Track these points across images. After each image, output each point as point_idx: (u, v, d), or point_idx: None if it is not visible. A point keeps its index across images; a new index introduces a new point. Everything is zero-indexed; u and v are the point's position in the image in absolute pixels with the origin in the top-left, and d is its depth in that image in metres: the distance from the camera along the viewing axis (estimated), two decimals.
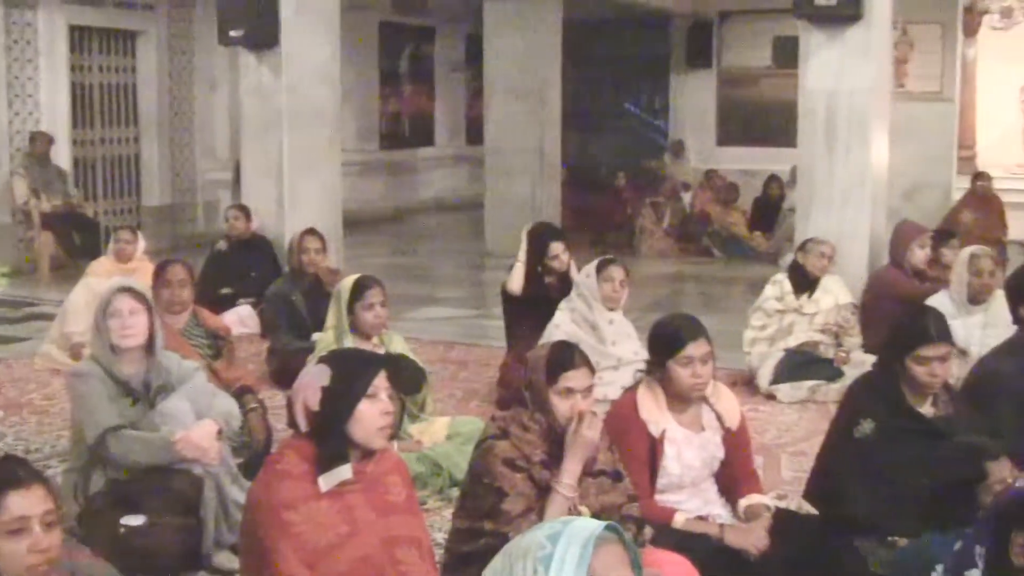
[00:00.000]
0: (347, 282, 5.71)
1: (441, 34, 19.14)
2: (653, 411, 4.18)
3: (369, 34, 17.19)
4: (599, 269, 6.44)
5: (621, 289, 6.47)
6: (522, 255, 7.16)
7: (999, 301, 5.48)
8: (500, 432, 3.66)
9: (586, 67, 17.40)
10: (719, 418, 4.34)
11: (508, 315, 7.36)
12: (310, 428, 3.32)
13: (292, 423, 3.40)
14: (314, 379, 3.35)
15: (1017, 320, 4.89)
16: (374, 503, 3.37)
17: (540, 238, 7.26)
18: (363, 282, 5.67)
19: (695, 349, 4.13)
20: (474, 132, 17.42)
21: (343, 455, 3.31)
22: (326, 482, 3.28)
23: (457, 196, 18.95)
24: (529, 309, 6.82)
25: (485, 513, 3.58)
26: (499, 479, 3.56)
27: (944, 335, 4.25)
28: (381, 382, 3.35)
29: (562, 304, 6.57)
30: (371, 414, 3.31)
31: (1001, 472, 3.38)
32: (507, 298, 7.28)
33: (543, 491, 3.58)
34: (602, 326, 6.40)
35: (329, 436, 3.31)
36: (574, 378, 3.66)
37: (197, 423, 4.55)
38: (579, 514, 3.47)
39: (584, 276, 6.51)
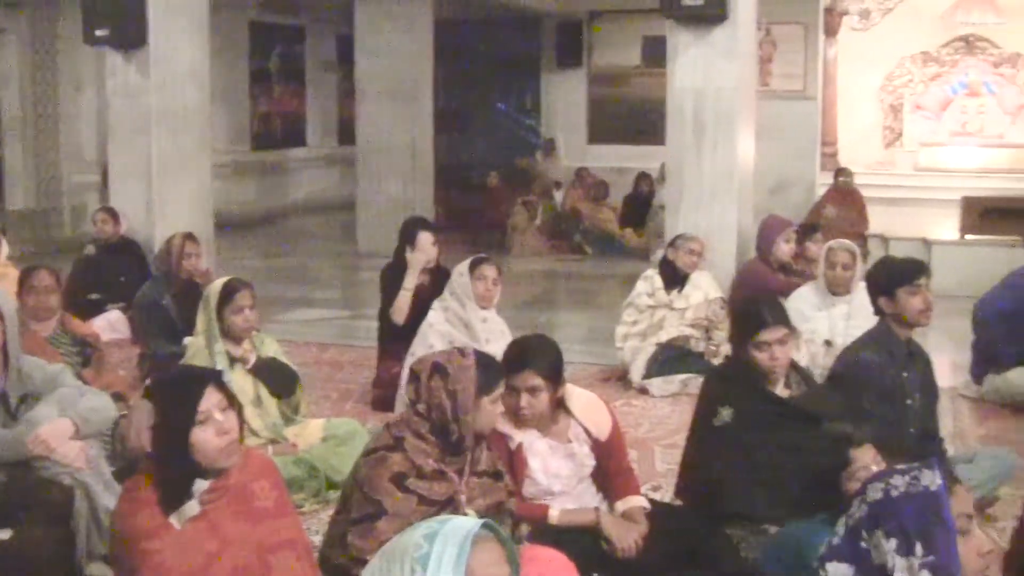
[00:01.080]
0: (215, 286, 5.59)
1: (312, 34, 19.00)
2: (508, 425, 4.20)
3: (239, 34, 16.98)
4: (472, 268, 6.44)
5: (494, 288, 6.47)
6: (410, 282, 7.06)
7: (862, 293, 5.64)
8: (395, 443, 3.62)
9: (458, 66, 17.45)
10: (586, 431, 4.34)
11: (387, 333, 7.24)
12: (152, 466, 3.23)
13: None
14: (140, 421, 3.25)
15: (878, 311, 5.03)
16: (242, 513, 3.30)
17: (409, 228, 7.23)
18: (231, 285, 5.55)
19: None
20: (346, 132, 17.32)
21: (187, 492, 3.20)
22: (178, 520, 3.19)
23: (329, 196, 18.82)
24: (410, 333, 6.74)
25: (355, 522, 3.54)
26: (382, 495, 3.52)
27: (779, 318, 4.37)
28: (210, 401, 3.21)
29: (435, 303, 6.54)
30: (206, 439, 3.18)
31: (864, 459, 3.48)
32: (389, 324, 7.16)
33: (434, 505, 3.54)
34: (476, 325, 6.40)
35: (170, 473, 3.20)
36: (501, 388, 3.76)
37: (50, 420, 4.33)
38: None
39: (457, 275, 6.50)
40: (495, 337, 6.45)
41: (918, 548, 2.57)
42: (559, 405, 4.27)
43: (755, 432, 4.29)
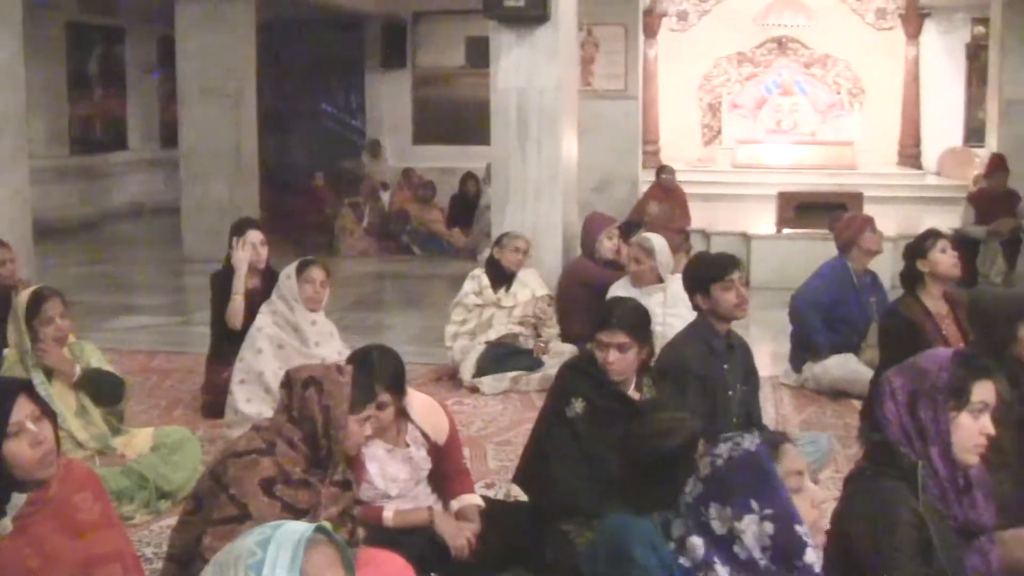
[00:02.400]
0: (23, 296, 5.41)
1: (132, 35, 18.53)
2: None
3: (55, 35, 16.47)
4: (299, 270, 6.39)
5: (322, 290, 6.43)
6: (239, 285, 6.90)
7: (677, 282, 5.80)
8: (266, 447, 3.56)
9: (282, 68, 17.27)
10: (424, 435, 4.37)
11: (219, 339, 7.12)
12: None
13: None
14: None
15: (695, 307, 5.15)
16: (64, 527, 3.21)
17: (238, 228, 7.15)
18: (39, 295, 5.35)
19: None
20: (169, 135, 16.96)
21: (1, 508, 3.10)
22: None
23: (153, 201, 18.41)
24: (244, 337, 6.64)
25: (216, 523, 3.46)
26: (249, 498, 3.46)
27: (623, 323, 4.40)
28: (21, 412, 3.10)
29: (263, 307, 6.46)
30: (20, 451, 3.08)
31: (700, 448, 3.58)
32: (222, 329, 7.05)
33: (297, 513, 3.48)
34: (304, 328, 6.35)
35: None
36: (371, 409, 3.76)
37: None
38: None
39: (284, 277, 6.43)
40: (324, 340, 6.42)
41: (754, 504, 2.68)
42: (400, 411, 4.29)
43: (601, 428, 4.35)
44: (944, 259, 6.10)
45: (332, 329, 6.53)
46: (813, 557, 2.71)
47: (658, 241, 7.52)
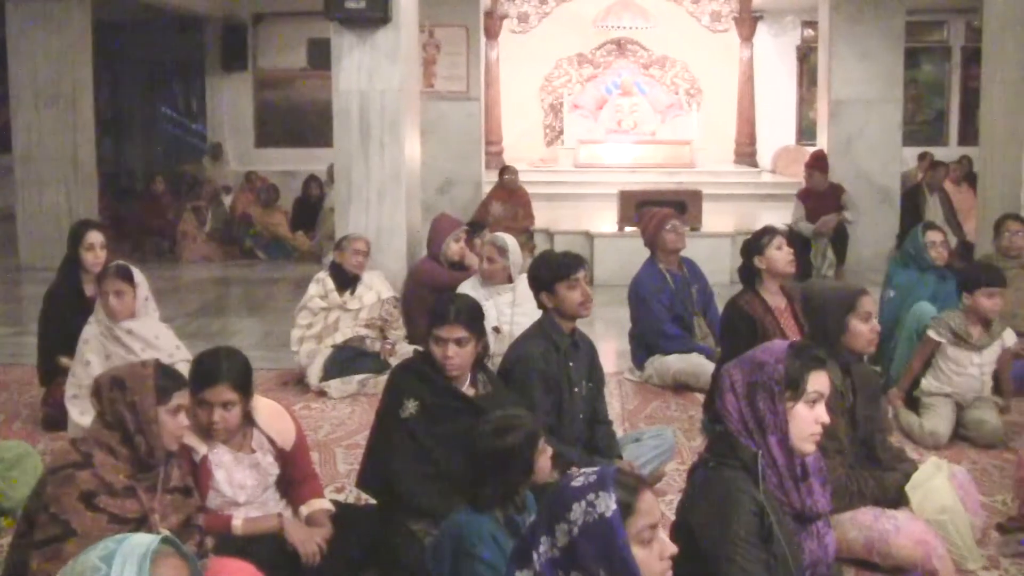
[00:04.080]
0: None
1: None
2: (193, 438, 4.12)
3: None
4: (98, 282, 6.20)
5: (117, 300, 6.14)
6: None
7: (524, 281, 5.86)
8: (83, 459, 3.49)
9: (119, 70, 16.91)
10: (270, 440, 4.34)
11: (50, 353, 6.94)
12: None
13: None
14: None
15: (541, 305, 5.21)
16: None
17: (76, 229, 6.97)
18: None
19: (181, 398, 3.96)
20: (2, 140, 16.40)
21: None
22: None
23: None
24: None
25: (40, 544, 3.38)
26: (70, 514, 3.38)
27: (461, 319, 4.43)
28: None
29: (91, 318, 6.26)
30: None
31: (542, 442, 3.63)
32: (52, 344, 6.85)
33: (126, 524, 3.43)
34: (122, 337, 6.17)
35: None
36: (180, 396, 3.67)
37: None
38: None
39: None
40: (150, 345, 6.25)
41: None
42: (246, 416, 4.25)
43: (437, 426, 4.37)
44: (779, 255, 6.27)
45: (158, 331, 6.32)
46: None
47: (511, 241, 7.58)
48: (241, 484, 4.24)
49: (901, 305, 7.08)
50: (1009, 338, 6.42)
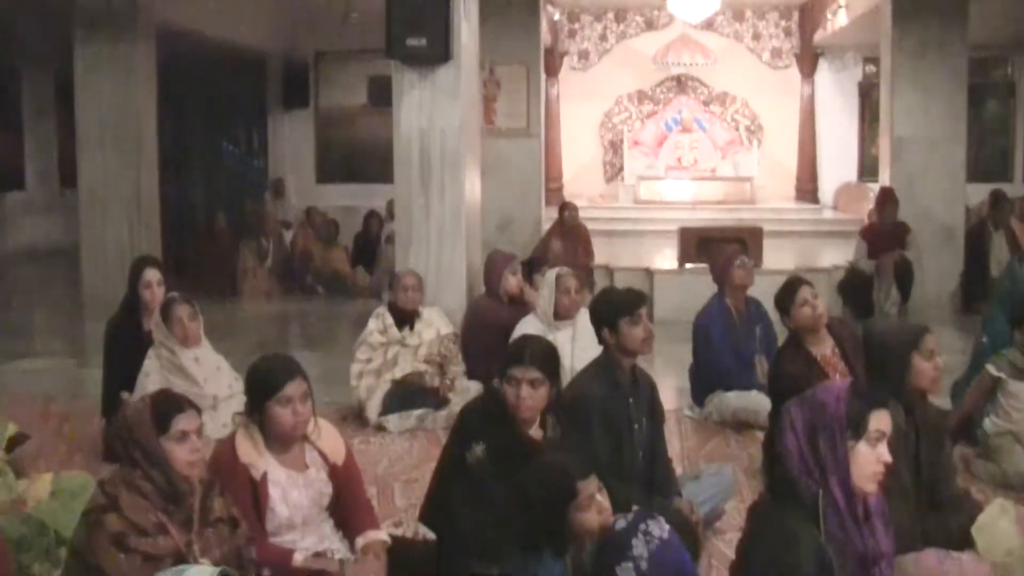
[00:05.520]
0: None
1: (28, 76, 18.24)
2: (252, 454, 4.15)
3: None
4: (163, 311, 6.33)
5: (192, 324, 6.35)
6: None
7: (584, 317, 5.84)
8: (109, 502, 3.51)
9: (182, 108, 17.09)
10: (323, 455, 4.35)
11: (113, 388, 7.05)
12: None
13: None
14: None
15: (602, 342, 5.20)
16: None
17: (135, 267, 7.07)
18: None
19: (293, 389, 4.13)
20: (68, 176, 16.68)
21: None
22: None
23: (51, 243, 18.09)
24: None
25: None
26: (102, 558, 3.41)
27: (536, 360, 4.40)
28: None
29: (150, 351, 6.38)
30: None
31: (589, 489, 3.58)
32: (114, 380, 6.96)
33: (161, 561, 3.43)
34: (188, 367, 6.25)
35: None
36: (185, 421, 3.61)
37: None
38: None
39: (156, 323, 6.37)
40: (212, 375, 6.36)
41: None
42: None
43: (503, 470, 4.34)
44: (802, 313, 6.21)
45: (220, 363, 6.45)
46: None
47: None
48: (297, 504, 4.24)
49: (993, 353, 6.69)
50: None
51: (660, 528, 2.68)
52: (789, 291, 6.28)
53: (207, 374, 6.31)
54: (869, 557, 3.28)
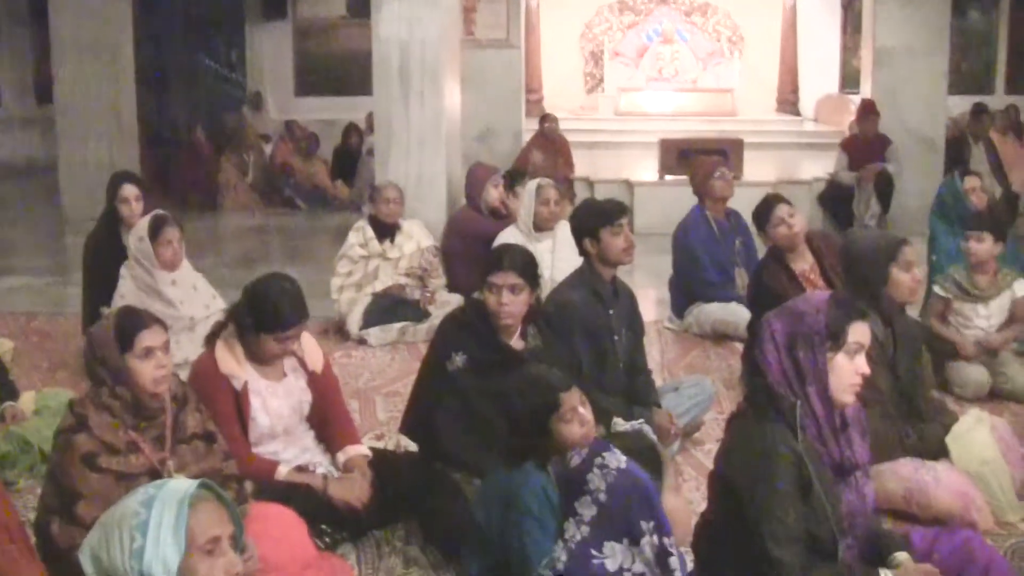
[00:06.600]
0: None
1: None
2: (233, 365, 4.19)
3: None
4: (153, 233, 6.16)
5: (180, 248, 6.27)
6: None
7: (564, 229, 5.84)
8: (78, 422, 3.50)
9: (159, 21, 16.85)
10: (301, 363, 4.39)
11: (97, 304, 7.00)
12: None
13: None
14: None
15: (583, 252, 5.20)
16: None
17: (112, 182, 7.00)
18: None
19: (296, 331, 4.27)
20: (44, 92, 16.46)
21: None
22: None
23: (29, 159, 17.91)
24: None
25: (55, 511, 3.43)
26: (74, 479, 3.41)
27: (516, 266, 4.43)
28: None
29: (123, 271, 6.27)
30: None
31: (571, 401, 3.60)
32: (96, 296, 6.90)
33: (135, 479, 3.42)
34: (164, 290, 6.19)
35: None
36: (149, 337, 3.58)
37: None
38: None
39: (137, 240, 6.23)
40: (188, 297, 6.31)
41: (644, 526, 2.73)
42: None
43: (483, 380, 4.36)
44: (778, 232, 6.22)
45: (197, 281, 6.39)
46: (676, 564, 2.76)
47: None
48: (278, 412, 4.28)
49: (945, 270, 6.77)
50: (1020, 288, 6.29)
51: (616, 459, 2.70)
52: (765, 209, 6.28)
53: (184, 296, 6.26)
54: (846, 467, 3.32)
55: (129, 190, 6.89)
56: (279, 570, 3.42)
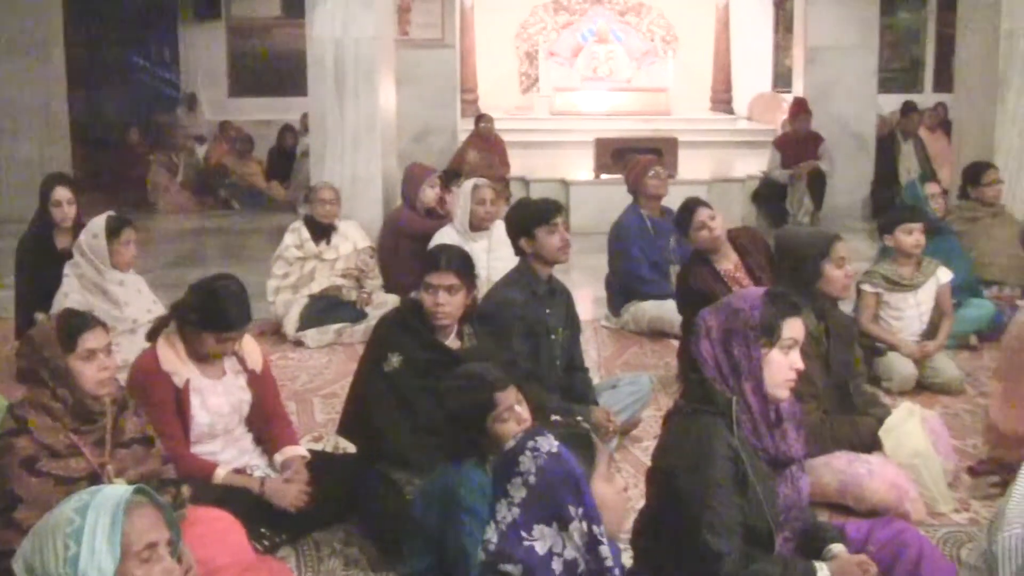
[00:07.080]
0: None
1: None
2: (174, 362, 4.19)
3: None
4: (111, 232, 6.16)
5: (135, 249, 6.28)
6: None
7: (500, 228, 5.85)
8: (18, 426, 3.46)
9: (90, 20, 16.65)
10: (241, 362, 4.40)
11: (28, 307, 6.90)
12: None
13: None
14: None
15: (519, 251, 5.22)
16: None
17: (45, 184, 6.92)
18: None
19: (238, 334, 4.31)
20: None
21: None
22: None
23: None
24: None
25: None
26: (14, 483, 3.37)
27: (454, 266, 4.42)
28: None
29: (67, 268, 6.25)
30: None
31: (508, 400, 3.60)
32: (30, 297, 6.81)
33: (74, 483, 3.39)
34: (111, 289, 6.15)
35: None
36: (92, 339, 3.56)
37: None
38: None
39: (91, 237, 6.18)
40: (133, 298, 6.27)
41: (572, 510, 2.74)
42: None
43: (420, 379, 4.35)
44: (700, 236, 6.25)
45: (140, 285, 6.38)
46: (606, 552, 2.78)
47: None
48: (217, 410, 4.28)
49: None
50: (944, 275, 6.42)
51: (549, 443, 2.72)
52: (686, 214, 6.33)
53: (129, 297, 6.23)
54: (781, 461, 3.35)
55: (62, 193, 6.82)
56: (218, 574, 3.39)
